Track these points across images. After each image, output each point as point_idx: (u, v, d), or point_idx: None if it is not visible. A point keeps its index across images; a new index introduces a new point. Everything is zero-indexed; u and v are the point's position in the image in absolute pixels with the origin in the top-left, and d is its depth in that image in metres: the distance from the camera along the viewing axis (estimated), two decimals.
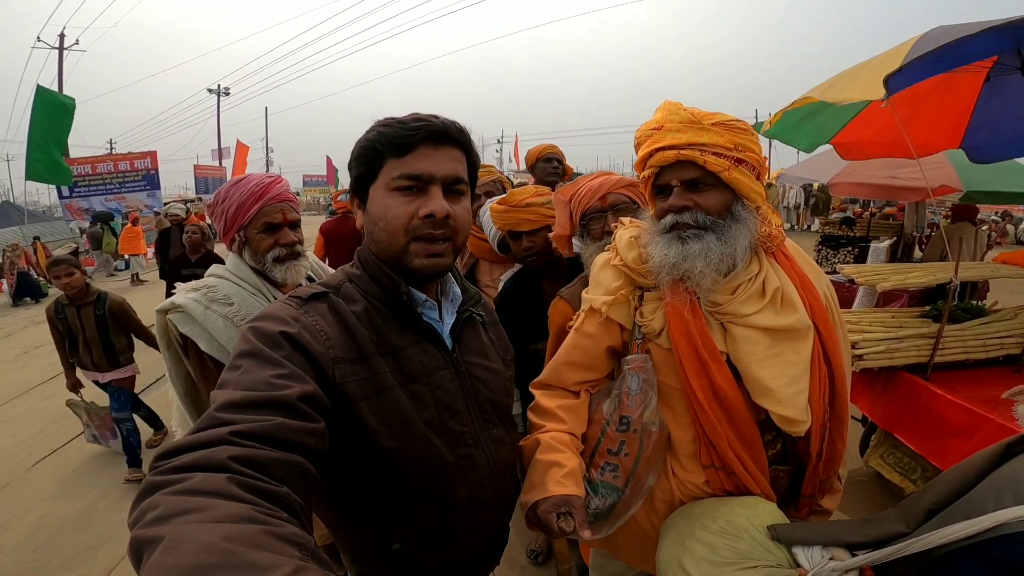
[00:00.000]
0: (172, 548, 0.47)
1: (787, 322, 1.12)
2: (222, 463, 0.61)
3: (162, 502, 0.54)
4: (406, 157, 0.93)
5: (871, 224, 6.93)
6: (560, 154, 3.48)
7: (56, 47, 19.84)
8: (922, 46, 2.41)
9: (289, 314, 0.90)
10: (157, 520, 0.52)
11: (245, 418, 0.70)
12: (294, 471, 0.68)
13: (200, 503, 0.54)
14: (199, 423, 0.70)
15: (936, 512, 0.88)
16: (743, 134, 1.13)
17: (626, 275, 1.25)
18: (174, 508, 0.53)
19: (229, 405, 0.72)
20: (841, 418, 1.19)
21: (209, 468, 0.61)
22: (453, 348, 1.04)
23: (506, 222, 2.05)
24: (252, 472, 0.62)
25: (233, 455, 0.63)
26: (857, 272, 2.99)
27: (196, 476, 0.59)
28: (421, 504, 0.98)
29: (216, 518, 0.52)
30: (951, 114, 3.22)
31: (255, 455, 0.65)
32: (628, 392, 1.19)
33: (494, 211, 2.09)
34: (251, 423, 0.69)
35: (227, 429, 0.67)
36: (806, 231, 16.26)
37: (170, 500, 0.55)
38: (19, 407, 5.26)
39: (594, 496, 1.19)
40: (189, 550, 0.47)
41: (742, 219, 1.14)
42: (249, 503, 0.57)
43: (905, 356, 2.61)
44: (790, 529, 1.02)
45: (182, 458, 0.62)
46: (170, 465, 0.61)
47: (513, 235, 2.06)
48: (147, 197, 17.57)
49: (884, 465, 2.87)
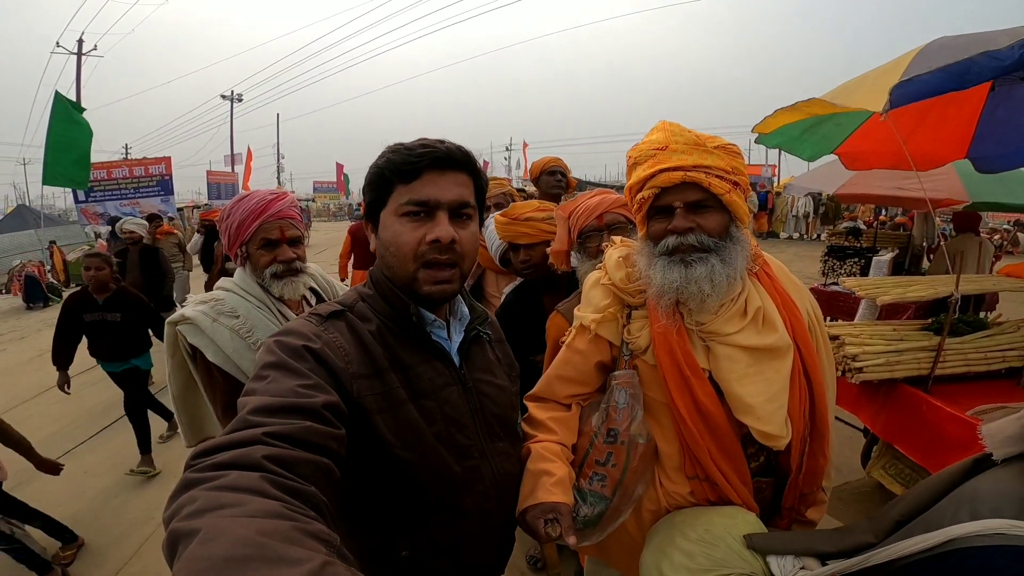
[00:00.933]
0: (209, 540, 0.51)
1: (767, 341, 1.15)
2: (257, 462, 0.65)
3: (199, 497, 0.58)
4: (413, 183, 0.97)
5: (878, 235, 6.89)
6: (564, 167, 3.51)
7: (75, 52, 20.12)
8: (924, 58, 2.43)
9: (311, 330, 0.95)
10: (195, 514, 0.55)
11: (276, 421, 0.74)
12: (321, 472, 0.73)
13: (235, 499, 0.58)
14: (233, 425, 0.75)
15: (903, 524, 0.90)
16: (738, 158, 1.17)
17: (614, 294, 1.28)
18: (211, 503, 0.57)
19: (260, 409, 0.76)
20: (822, 433, 1.23)
21: (244, 466, 0.65)
22: (461, 365, 1.08)
23: (506, 234, 2.13)
24: (283, 471, 0.66)
25: (267, 454, 0.67)
26: (858, 285, 2.99)
27: (232, 474, 0.63)
28: (431, 514, 1.02)
29: (250, 513, 0.56)
30: (956, 124, 3.22)
31: (286, 455, 0.69)
32: (616, 406, 1.23)
33: (497, 222, 2.17)
34: (282, 426, 0.73)
35: (260, 430, 0.71)
36: (815, 241, 16.16)
37: (207, 495, 0.58)
38: (33, 409, 5.35)
39: (583, 504, 1.23)
40: (225, 542, 0.50)
41: (739, 240, 1.17)
42: (280, 500, 0.61)
43: (906, 369, 2.61)
44: (765, 539, 1.05)
45: (218, 456, 0.66)
46: (207, 463, 0.65)
47: (513, 247, 2.14)
48: (161, 203, 17.77)
49: (886, 476, 2.87)
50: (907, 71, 2.35)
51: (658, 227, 1.19)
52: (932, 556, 0.79)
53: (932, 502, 0.89)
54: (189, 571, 0.49)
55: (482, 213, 1.10)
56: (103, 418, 4.93)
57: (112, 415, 4.94)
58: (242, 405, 0.79)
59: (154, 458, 3.98)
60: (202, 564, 0.49)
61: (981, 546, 0.74)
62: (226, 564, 0.48)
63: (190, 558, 0.50)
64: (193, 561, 0.50)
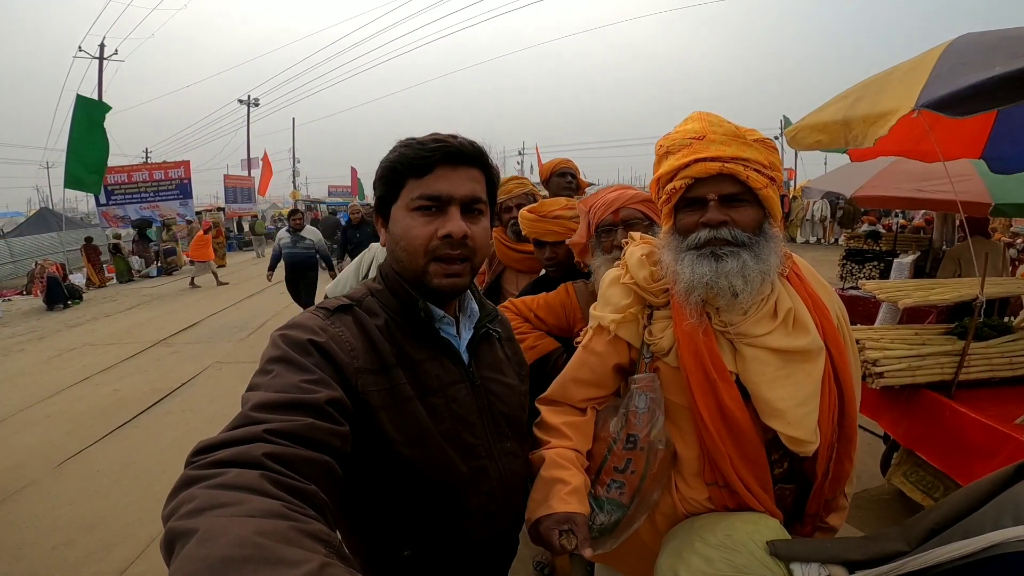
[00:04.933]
0: (206, 540, 0.50)
1: (799, 344, 1.11)
2: (256, 459, 0.65)
3: (198, 495, 0.57)
4: (425, 178, 0.96)
5: (898, 238, 6.76)
6: (574, 168, 3.48)
7: (96, 56, 20.50)
8: (951, 55, 2.34)
9: (317, 324, 0.94)
10: (192, 513, 0.55)
11: (278, 418, 0.73)
12: (322, 470, 0.72)
13: (234, 498, 0.57)
14: (233, 422, 0.74)
15: (938, 532, 0.86)
16: (775, 154, 1.13)
17: (636, 293, 1.23)
18: (209, 502, 0.56)
19: (262, 406, 0.75)
20: (849, 438, 1.18)
21: (244, 464, 0.64)
22: (469, 363, 1.07)
23: (533, 231, 2.10)
24: (283, 469, 0.66)
25: (267, 452, 0.66)
26: (879, 288, 2.93)
27: (231, 471, 0.62)
28: (435, 513, 1.00)
29: (249, 512, 0.55)
30: (973, 122, 3.12)
31: (287, 453, 0.68)
32: (635, 411, 1.18)
33: (523, 218, 2.16)
34: (284, 422, 0.72)
35: (261, 427, 0.70)
36: (832, 245, 15.93)
37: (206, 494, 0.57)
38: (50, 408, 5.42)
39: (599, 512, 1.19)
40: (223, 543, 0.49)
41: (771, 237, 1.13)
42: (280, 499, 0.60)
43: (928, 374, 2.54)
44: (789, 545, 1.01)
45: (218, 454, 0.65)
46: (207, 460, 0.65)
47: (538, 244, 2.12)
48: (180, 206, 18.05)
49: (907, 483, 2.80)
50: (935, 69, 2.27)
51: (689, 220, 1.13)
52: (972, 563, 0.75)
53: (970, 510, 0.84)
54: (185, 572, 0.48)
55: (493, 209, 1.09)
56: (116, 418, 4.97)
57: (125, 415, 5.00)
58: (245, 400, 0.78)
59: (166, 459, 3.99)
60: (198, 565, 0.48)
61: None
62: (223, 565, 0.48)
63: (186, 558, 0.49)
64: (189, 562, 0.49)
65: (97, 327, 9.40)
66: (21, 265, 15.94)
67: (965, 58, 2.25)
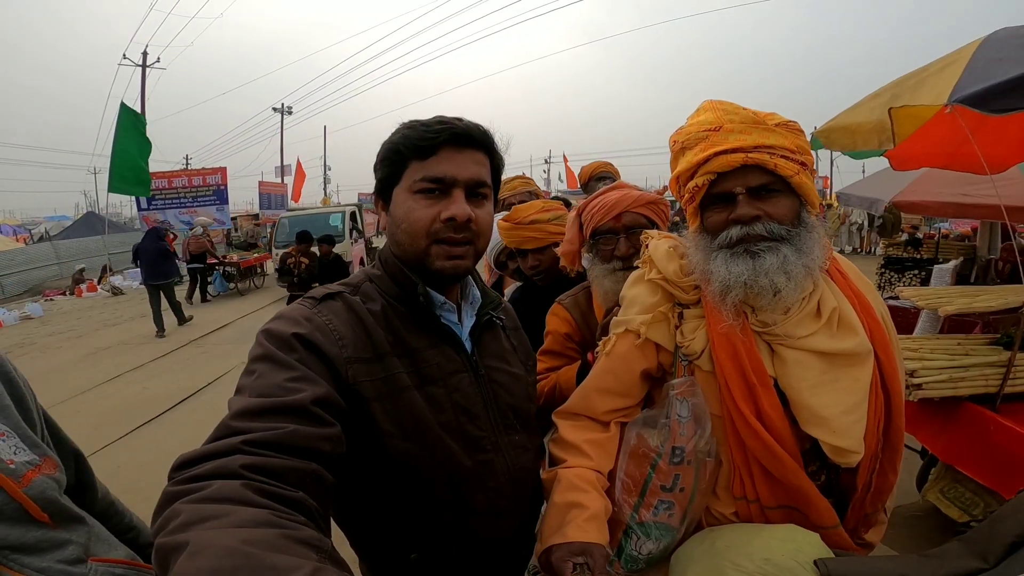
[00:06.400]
0: (196, 554, 0.50)
1: (845, 346, 1.02)
2: (235, 472, 0.63)
3: (183, 510, 0.57)
4: (429, 160, 0.93)
5: (940, 244, 6.48)
6: (615, 172, 3.31)
7: (139, 64, 21.21)
8: (988, 49, 2.23)
9: (302, 315, 0.91)
10: (180, 527, 0.54)
11: (258, 426, 0.71)
12: (308, 477, 0.70)
13: (219, 510, 0.56)
14: (214, 432, 0.72)
15: (1021, 545, 0.77)
16: (802, 136, 1.03)
17: (664, 290, 1.14)
18: (195, 516, 0.55)
19: (243, 413, 0.73)
20: (896, 448, 1.08)
21: (224, 477, 0.63)
22: (472, 351, 1.02)
23: (512, 239, 1.95)
24: (266, 479, 0.64)
25: (245, 464, 0.64)
26: (918, 295, 2.79)
27: (214, 484, 0.61)
28: (439, 512, 0.95)
29: (235, 523, 0.55)
30: (1021, 123, 2.95)
31: (268, 463, 0.66)
32: (678, 420, 1.07)
33: (501, 228, 1.99)
34: (264, 431, 0.70)
35: (239, 439, 0.68)
36: (870, 255, 15.41)
37: (191, 508, 0.57)
38: (80, 404, 5.58)
39: (647, 540, 1.07)
40: (211, 555, 0.49)
41: (812, 227, 1.04)
42: (267, 508, 0.59)
43: (971, 386, 2.41)
44: (843, 564, 0.89)
45: (198, 468, 0.64)
46: (187, 475, 0.64)
47: (520, 253, 1.96)
48: (217, 212, 18.50)
49: (943, 500, 2.65)
50: (970, 64, 2.16)
51: (717, 217, 1.04)
52: None
53: None
54: None
55: (497, 192, 1.06)
56: (140, 416, 5.07)
57: (152, 412, 5.10)
58: (229, 406, 0.76)
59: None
60: None
61: None
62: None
63: (177, 574, 0.49)
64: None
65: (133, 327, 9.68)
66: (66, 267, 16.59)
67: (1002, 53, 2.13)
